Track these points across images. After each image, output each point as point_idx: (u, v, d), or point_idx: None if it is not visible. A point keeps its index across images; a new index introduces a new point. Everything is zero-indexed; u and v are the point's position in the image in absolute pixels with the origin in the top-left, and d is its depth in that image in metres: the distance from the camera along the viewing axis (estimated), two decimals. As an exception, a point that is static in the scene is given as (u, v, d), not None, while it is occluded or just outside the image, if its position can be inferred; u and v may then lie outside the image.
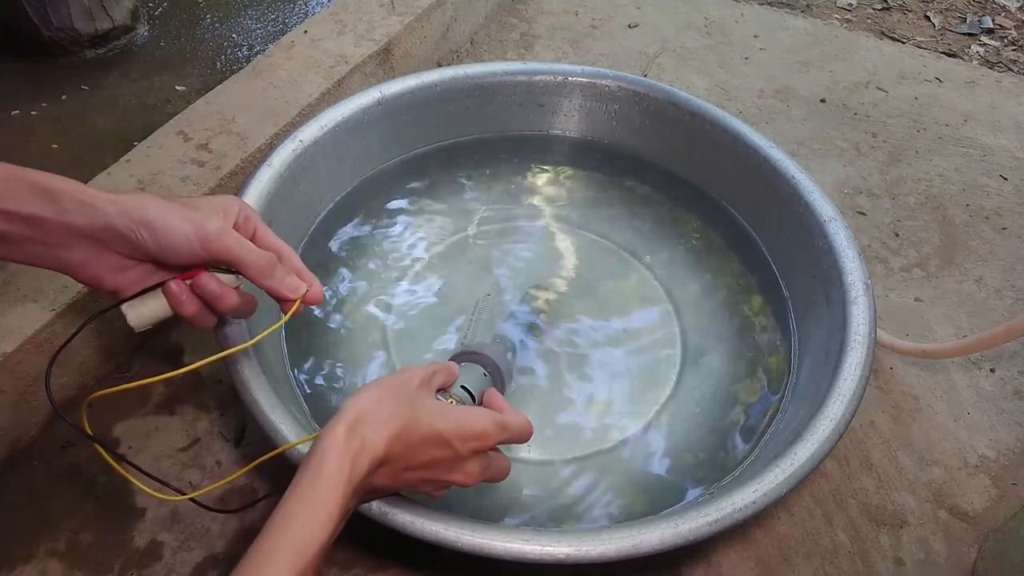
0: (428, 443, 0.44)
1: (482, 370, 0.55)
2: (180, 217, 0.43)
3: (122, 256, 0.43)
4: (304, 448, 0.51)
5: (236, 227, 0.46)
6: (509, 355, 0.61)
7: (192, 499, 0.49)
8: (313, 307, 0.73)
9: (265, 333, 0.49)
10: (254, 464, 0.50)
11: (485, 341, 0.64)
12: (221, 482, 0.52)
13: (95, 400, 0.45)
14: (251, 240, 0.47)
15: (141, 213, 0.42)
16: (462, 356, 0.57)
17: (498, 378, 0.57)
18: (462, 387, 0.52)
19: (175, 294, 0.45)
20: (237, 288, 0.47)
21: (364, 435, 0.41)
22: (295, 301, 0.48)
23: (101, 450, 0.45)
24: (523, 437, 0.49)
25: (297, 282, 0.48)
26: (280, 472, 0.52)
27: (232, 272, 0.46)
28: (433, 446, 0.44)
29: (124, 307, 0.45)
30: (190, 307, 0.46)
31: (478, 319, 0.66)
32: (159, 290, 0.45)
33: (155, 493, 0.48)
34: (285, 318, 0.48)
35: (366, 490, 0.43)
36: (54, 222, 0.41)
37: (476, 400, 0.52)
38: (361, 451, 0.41)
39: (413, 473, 0.45)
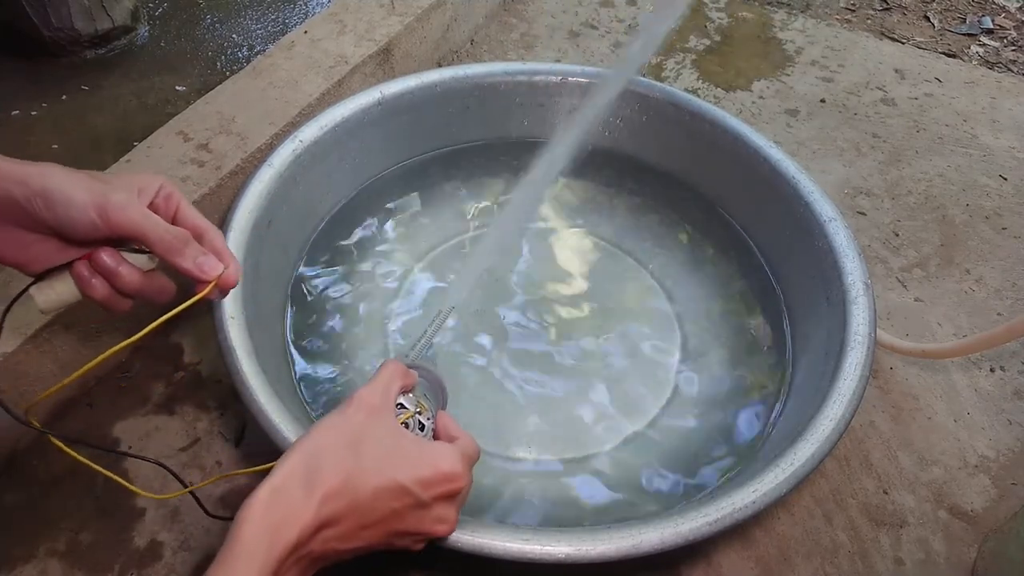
0: (383, 495, 0.38)
1: (431, 387, 0.52)
2: (82, 188, 0.39)
3: (24, 230, 0.41)
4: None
5: (155, 205, 0.43)
6: (445, 387, 0.56)
7: (191, 492, 0.49)
8: (337, 320, 0.73)
9: (165, 317, 0.44)
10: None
11: (425, 360, 0.57)
12: (215, 477, 0.52)
13: (38, 405, 0.44)
14: (173, 219, 0.44)
15: (41, 182, 0.39)
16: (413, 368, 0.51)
17: (443, 402, 0.53)
18: (424, 395, 0.47)
19: (82, 276, 0.42)
20: (152, 270, 0.44)
21: (290, 500, 0.36)
22: (208, 283, 0.44)
23: (56, 440, 0.46)
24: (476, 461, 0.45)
25: (212, 263, 0.44)
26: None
27: (146, 252, 0.43)
28: (390, 497, 0.39)
29: (32, 290, 0.43)
30: (100, 290, 0.43)
31: (433, 333, 0.59)
32: (67, 271, 0.43)
33: (147, 493, 0.48)
34: (193, 300, 0.43)
35: (309, 558, 0.38)
36: None
37: (435, 414, 0.47)
38: (285, 520, 0.36)
39: (373, 531, 0.39)
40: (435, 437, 0.46)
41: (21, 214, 0.40)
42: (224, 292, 0.45)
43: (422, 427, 0.45)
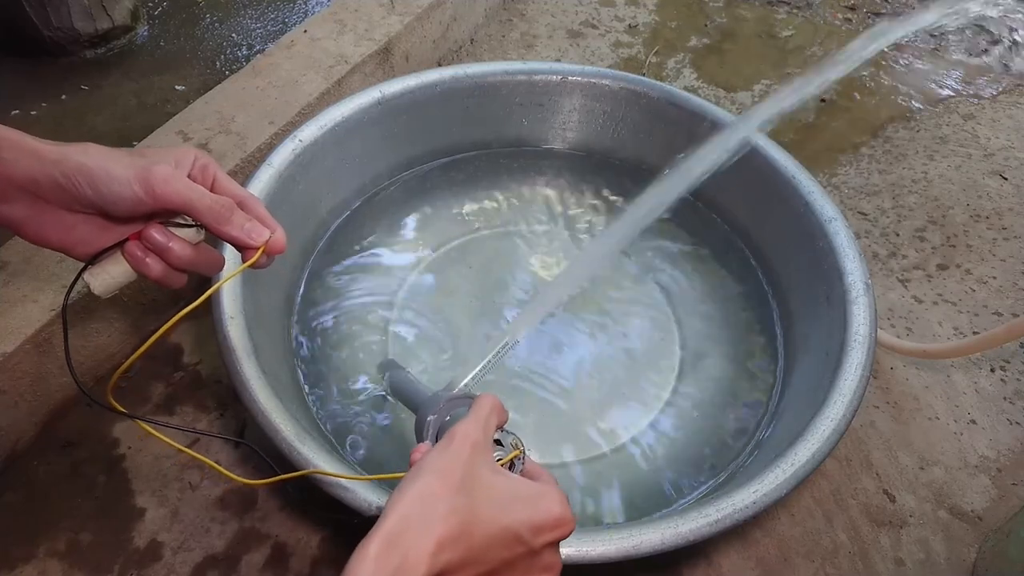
0: (496, 543, 0.35)
1: None
2: (123, 164, 0.39)
3: (67, 211, 0.40)
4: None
5: (192, 177, 0.42)
6: None
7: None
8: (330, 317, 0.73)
9: (220, 283, 0.47)
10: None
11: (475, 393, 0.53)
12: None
13: (117, 380, 0.44)
14: (211, 190, 0.43)
15: (80, 160, 0.38)
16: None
17: None
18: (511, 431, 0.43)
19: (134, 255, 0.41)
20: (199, 243, 0.44)
21: (405, 550, 0.33)
22: (257, 249, 0.43)
23: (146, 426, 0.46)
24: None
25: (259, 228, 0.43)
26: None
27: (192, 225, 0.43)
28: (502, 546, 0.35)
29: (86, 276, 0.42)
30: (154, 268, 0.42)
31: (493, 363, 0.56)
32: (119, 253, 0.42)
33: (243, 480, 0.49)
34: (244, 266, 0.44)
35: None
36: None
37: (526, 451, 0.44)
38: (399, 572, 0.32)
39: None
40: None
41: (63, 195, 0.39)
42: (271, 258, 0.45)
43: (512, 466, 0.42)
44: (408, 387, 0.60)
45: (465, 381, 0.53)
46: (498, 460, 0.40)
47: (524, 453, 0.42)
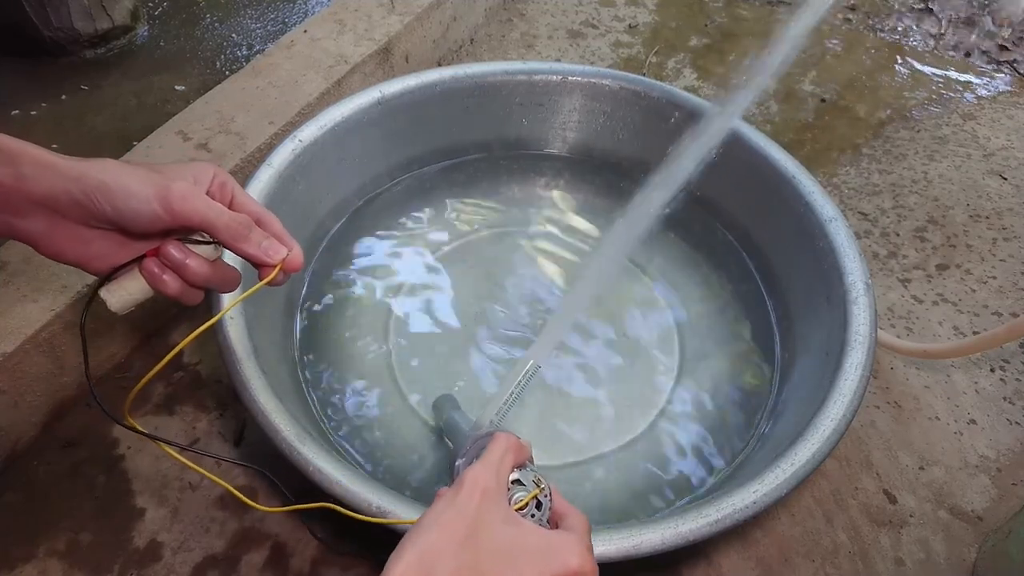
0: None
1: None
2: (141, 180, 0.39)
3: (84, 226, 0.40)
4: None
5: (210, 194, 0.42)
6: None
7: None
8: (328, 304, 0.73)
9: (238, 299, 0.48)
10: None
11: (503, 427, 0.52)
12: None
13: (135, 394, 0.44)
14: (229, 207, 0.43)
15: (99, 176, 0.38)
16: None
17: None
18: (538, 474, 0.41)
19: (152, 272, 0.41)
20: (216, 260, 0.44)
21: None
22: (274, 267, 0.43)
23: (166, 448, 0.46)
24: None
25: (276, 246, 0.43)
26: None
27: (210, 242, 0.43)
28: None
29: (102, 292, 0.42)
30: (172, 285, 0.42)
31: (518, 393, 0.53)
32: (136, 269, 0.42)
33: (259, 506, 0.50)
34: (260, 284, 0.44)
35: None
36: (9, 187, 0.37)
37: (551, 490, 0.41)
38: None
39: None
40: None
41: (81, 211, 0.39)
42: (288, 275, 0.45)
43: (539, 505, 0.40)
44: (453, 429, 0.58)
45: (491, 418, 0.52)
46: (519, 501, 0.39)
47: (548, 492, 0.40)
